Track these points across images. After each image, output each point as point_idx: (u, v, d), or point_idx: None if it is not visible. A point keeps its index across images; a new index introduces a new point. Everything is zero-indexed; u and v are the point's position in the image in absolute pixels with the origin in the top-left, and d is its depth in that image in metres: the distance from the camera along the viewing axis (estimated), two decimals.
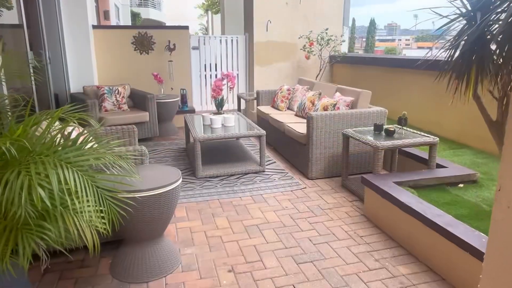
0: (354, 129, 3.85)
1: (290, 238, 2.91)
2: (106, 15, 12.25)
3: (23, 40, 4.23)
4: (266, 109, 5.68)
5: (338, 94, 4.57)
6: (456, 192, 3.11)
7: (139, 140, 5.77)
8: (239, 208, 3.45)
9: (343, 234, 2.96)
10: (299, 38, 6.98)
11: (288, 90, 5.65)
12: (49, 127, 1.75)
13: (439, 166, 3.50)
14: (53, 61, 5.45)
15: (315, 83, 5.50)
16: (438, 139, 3.44)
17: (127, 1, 21.13)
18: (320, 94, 4.96)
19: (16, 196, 1.44)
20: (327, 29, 6.84)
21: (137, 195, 2.18)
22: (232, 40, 7.45)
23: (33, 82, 4.37)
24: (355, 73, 6.68)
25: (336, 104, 4.33)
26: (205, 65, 7.50)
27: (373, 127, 3.79)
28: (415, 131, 3.70)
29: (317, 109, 4.49)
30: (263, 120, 5.65)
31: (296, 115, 5.21)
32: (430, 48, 3.06)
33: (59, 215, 1.62)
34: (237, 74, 7.58)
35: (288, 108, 5.67)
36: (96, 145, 2.04)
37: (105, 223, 1.81)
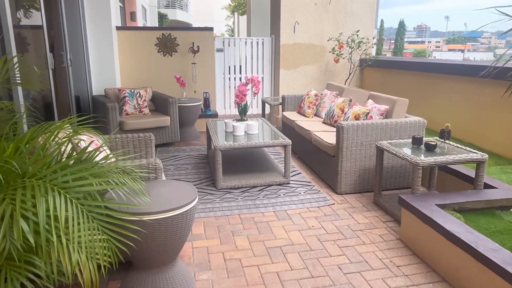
0: (389, 141, 3.50)
1: (317, 264, 2.60)
2: (133, 16, 12.25)
3: (43, 42, 4.10)
4: (291, 115, 5.38)
5: (370, 101, 4.22)
6: (508, 218, 2.72)
7: (160, 145, 5.59)
8: (261, 225, 3.17)
9: (377, 263, 2.63)
10: (328, 40, 6.64)
11: (316, 95, 5.33)
12: (46, 143, 1.52)
13: (486, 186, 3.11)
14: (75, 63, 5.34)
15: (345, 89, 5.16)
16: (487, 156, 3.05)
17: (154, 2, 21.27)
18: (350, 101, 4.62)
19: None
20: (358, 31, 6.47)
21: (146, 218, 1.93)
22: (257, 42, 7.19)
23: (52, 85, 4.25)
24: (387, 78, 6.28)
25: (368, 113, 3.99)
26: (229, 67, 7.28)
27: (411, 140, 3.43)
28: (459, 145, 3.32)
29: (348, 117, 4.16)
30: (288, 127, 5.36)
31: (323, 122, 4.89)
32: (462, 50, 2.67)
33: (53, 247, 1.38)
34: (262, 78, 7.31)
35: (315, 115, 5.35)
36: (103, 161, 1.81)
37: (107, 254, 1.56)
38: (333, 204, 3.60)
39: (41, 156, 1.48)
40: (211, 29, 6.74)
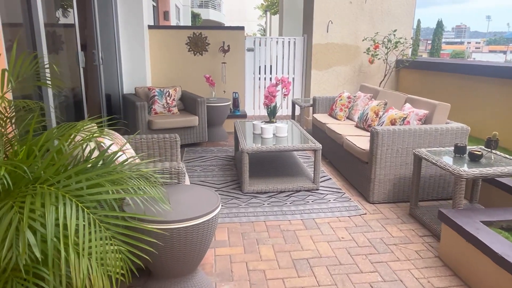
0: (429, 149, 3.25)
1: (346, 281, 2.42)
2: (166, 15, 12.36)
3: (74, 40, 4.12)
4: (322, 117, 5.18)
5: (408, 105, 3.96)
6: None
7: (187, 146, 5.54)
8: (287, 234, 3.01)
9: (413, 283, 2.41)
10: (363, 40, 6.38)
11: (349, 97, 5.10)
12: (61, 145, 1.44)
13: None
14: (107, 62, 5.37)
15: (380, 91, 4.90)
16: None
17: (188, 2, 21.47)
18: (385, 104, 4.38)
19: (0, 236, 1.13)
20: (395, 31, 6.17)
21: (164, 226, 1.83)
22: (289, 41, 7.02)
23: (82, 84, 4.27)
24: (425, 80, 5.94)
25: (406, 117, 3.74)
26: (259, 67, 7.15)
27: (453, 149, 3.17)
28: (507, 155, 3.03)
29: (383, 122, 3.92)
30: (318, 130, 5.16)
31: (356, 126, 4.66)
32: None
33: (63, 259, 1.29)
34: (293, 78, 7.14)
35: (348, 118, 5.12)
36: (122, 165, 1.71)
37: (121, 266, 1.46)
38: (365, 214, 3.39)
39: (56, 160, 1.40)
40: (242, 28, 6.62)
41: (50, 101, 3.34)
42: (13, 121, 1.85)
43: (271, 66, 7.22)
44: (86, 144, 1.57)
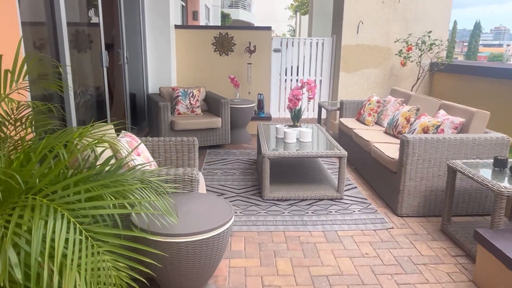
0: (465, 161, 2.99)
1: None
2: (195, 15, 12.38)
3: (99, 39, 4.10)
4: (350, 122, 4.95)
5: (442, 112, 3.70)
6: None
7: (210, 147, 5.45)
8: (307, 247, 2.84)
9: None
10: (395, 41, 6.09)
11: (378, 102, 4.85)
12: (59, 151, 1.34)
13: None
14: (132, 61, 5.36)
15: (412, 96, 4.63)
16: None
17: (218, 2, 21.53)
18: (418, 110, 4.12)
19: None
20: (430, 32, 5.85)
21: (171, 240, 1.71)
22: (317, 42, 6.81)
23: (105, 83, 4.25)
24: (461, 85, 5.59)
25: (440, 125, 3.48)
26: (286, 69, 6.98)
27: (492, 161, 2.90)
28: None
29: (414, 129, 3.67)
30: (345, 135, 4.94)
31: (385, 132, 4.42)
32: None
33: (55, 274, 1.18)
34: (320, 80, 6.92)
35: (376, 123, 4.87)
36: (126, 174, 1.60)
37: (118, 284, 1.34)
38: (392, 228, 3.17)
39: (52, 168, 1.30)
40: (268, 28, 6.47)
41: (70, 102, 3.31)
42: (25, 123, 1.79)
43: (298, 67, 7.04)
44: (89, 150, 1.46)
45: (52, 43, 3.16)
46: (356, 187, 4.05)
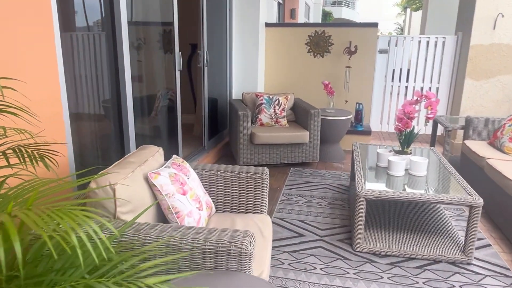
0: None
1: None
2: (293, 13, 11.67)
3: (172, 40, 3.60)
4: (480, 147, 3.72)
5: None
6: None
7: (294, 165, 4.66)
8: None
9: None
10: None
11: None
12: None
13: None
14: (215, 64, 4.83)
15: None
16: None
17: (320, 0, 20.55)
18: None
19: None
20: None
21: None
22: (436, 41, 5.54)
23: (178, 89, 3.74)
24: None
25: None
26: (393, 72, 5.83)
27: None
28: None
29: None
30: (471, 164, 3.72)
31: None
32: None
33: None
34: (437, 88, 5.63)
35: None
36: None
37: None
38: None
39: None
40: (374, 25, 5.40)
41: (128, 113, 2.81)
42: None
43: (408, 70, 5.84)
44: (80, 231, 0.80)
45: (111, 44, 2.68)
46: (490, 245, 2.88)
